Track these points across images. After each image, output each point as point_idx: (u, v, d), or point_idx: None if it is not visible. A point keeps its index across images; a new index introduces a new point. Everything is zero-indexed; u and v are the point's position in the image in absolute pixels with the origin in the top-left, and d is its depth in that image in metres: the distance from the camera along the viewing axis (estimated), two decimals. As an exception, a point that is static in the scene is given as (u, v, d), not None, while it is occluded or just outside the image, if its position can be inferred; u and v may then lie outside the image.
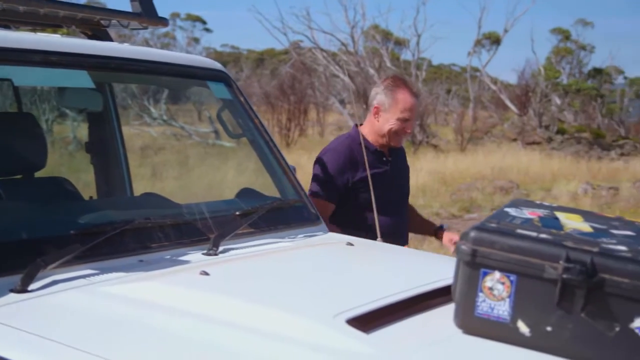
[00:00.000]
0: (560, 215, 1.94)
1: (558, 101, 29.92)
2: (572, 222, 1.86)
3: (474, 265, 1.65)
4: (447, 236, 3.43)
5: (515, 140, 26.61)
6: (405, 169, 3.57)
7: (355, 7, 44.39)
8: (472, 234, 1.66)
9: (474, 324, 1.66)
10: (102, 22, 2.86)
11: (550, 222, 1.83)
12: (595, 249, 1.60)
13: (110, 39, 2.88)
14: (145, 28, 2.97)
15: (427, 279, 2.03)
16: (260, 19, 31.91)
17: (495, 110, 33.54)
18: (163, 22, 2.95)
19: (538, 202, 2.15)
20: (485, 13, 39.58)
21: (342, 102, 29.82)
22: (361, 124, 3.44)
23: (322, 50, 26.82)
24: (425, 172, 16.07)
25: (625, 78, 36.27)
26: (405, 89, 3.31)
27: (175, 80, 2.98)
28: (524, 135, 26.78)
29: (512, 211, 1.91)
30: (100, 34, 2.87)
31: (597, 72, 34.23)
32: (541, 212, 1.94)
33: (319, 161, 3.35)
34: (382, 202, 3.04)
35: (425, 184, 14.50)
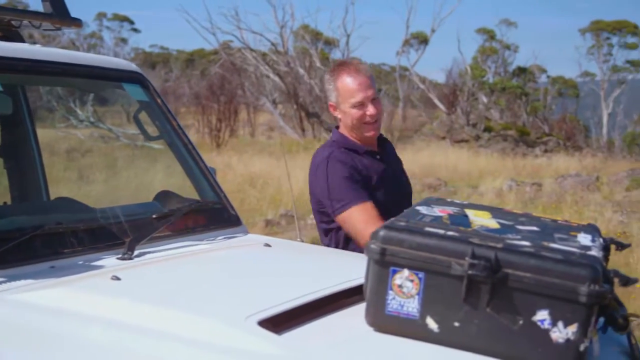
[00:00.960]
0: (470, 212, 1.98)
1: (485, 100, 30.58)
2: (480, 219, 1.90)
3: (383, 264, 1.67)
4: None
5: (444, 138, 27.05)
6: (398, 163, 3.16)
7: (284, 7, 44.40)
8: (381, 232, 1.68)
9: (384, 321, 1.68)
10: (12, 22, 2.78)
11: (459, 220, 1.86)
12: (500, 245, 1.64)
13: (22, 40, 2.80)
14: (58, 29, 2.91)
15: (343, 278, 2.04)
16: (188, 19, 31.57)
17: (424, 109, 34.06)
18: (76, 23, 2.88)
19: (450, 199, 2.19)
20: (412, 13, 40.09)
21: (273, 102, 29.79)
22: (337, 127, 3.04)
23: (251, 50, 26.75)
24: (355, 171, 16.15)
25: (548, 77, 37.26)
26: (344, 72, 2.87)
27: (89, 82, 2.92)
28: (452, 133, 27.25)
29: (423, 209, 1.94)
30: (12, 35, 2.79)
31: (521, 71, 35.12)
32: (451, 210, 1.97)
33: (328, 176, 2.82)
34: (389, 205, 2.73)
35: (355, 183, 14.56)
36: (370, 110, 2.85)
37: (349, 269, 2.18)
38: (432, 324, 1.64)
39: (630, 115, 34.28)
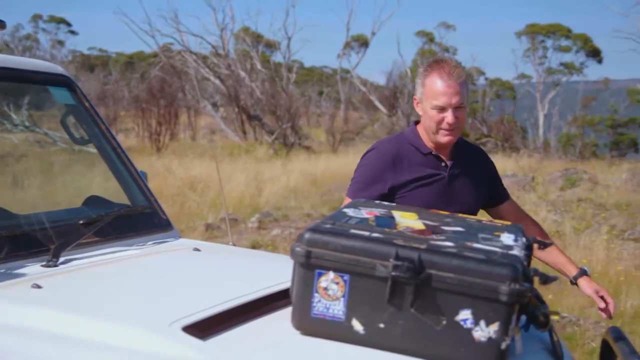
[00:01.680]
0: (397, 214, 1.99)
1: (425, 101, 30.90)
2: (406, 220, 1.91)
3: (308, 267, 1.67)
4: (590, 286, 2.66)
5: (386, 139, 27.23)
6: (479, 181, 2.82)
7: (225, 9, 44.25)
8: (307, 235, 1.68)
9: (310, 324, 1.68)
10: None
11: (385, 221, 1.87)
12: (424, 246, 1.65)
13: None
14: (-21, 31, 2.83)
15: (272, 281, 2.03)
16: (126, 22, 31.01)
17: (365, 111, 34.28)
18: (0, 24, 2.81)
19: (378, 201, 2.20)
20: (353, 16, 40.30)
21: (214, 105, 29.59)
22: (417, 122, 2.85)
23: (192, 53, 26.53)
24: (297, 173, 16.21)
25: (486, 79, 37.98)
26: (435, 71, 2.67)
27: (13, 85, 2.85)
28: (386, 133, 27.47)
29: (350, 212, 1.94)
30: None
31: (460, 73, 35.56)
32: (378, 212, 1.98)
33: (360, 162, 2.82)
34: None
35: (296, 186, 14.61)
36: (449, 118, 2.63)
37: (279, 272, 2.17)
38: (357, 325, 1.65)
39: (565, 116, 35.12)
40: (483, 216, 2.67)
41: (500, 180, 2.96)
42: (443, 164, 2.74)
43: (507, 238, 1.86)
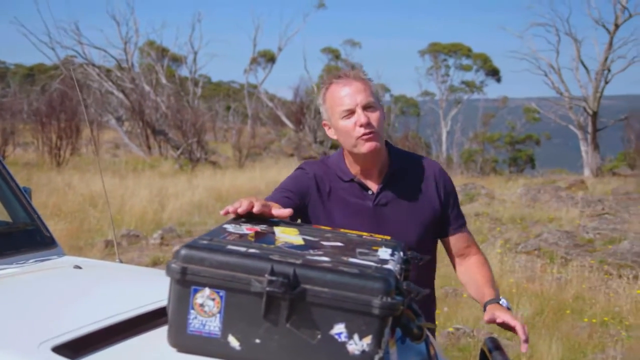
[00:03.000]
0: (278, 229, 2.00)
1: (331, 118, 31.27)
2: (286, 236, 1.93)
3: (184, 283, 1.65)
4: (489, 311, 2.37)
5: (292, 155, 27.41)
6: (418, 210, 2.54)
7: (128, 22, 43.54)
8: (182, 252, 1.66)
9: (186, 341, 1.66)
10: None
11: (264, 238, 1.88)
12: (299, 261, 1.66)
13: None
14: None
15: (155, 299, 2.00)
16: (24, 33, 29.92)
17: (273, 126, 34.39)
18: None
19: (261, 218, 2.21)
20: (259, 32, 40.39)
21: (118, 119, 29.04)
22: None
23: (95, 66, 25.99)
24: (202, 188, 16.07)
25: (391, 95, 38.78)
26: (332, 82, 2.46)
27: None
28: (300, 150, 27.69)
29: (230, 227, 1.94)
30: None
31: (366, 90, 36.20)
32: (259, 228, 1.99)
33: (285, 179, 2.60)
34: None
35: (201, 201, 14.49)
36: (361, 118, 2.35)
37: (163, 289, 2.14)
38: (233, 342, 1.64)
39: (466, 133, 36.23)
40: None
41: (453, 208, 2.65)
42: (369, 192, 2.50)
43: (384, 252, 1.89)
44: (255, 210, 2.02)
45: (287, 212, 2.09)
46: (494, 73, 37.89)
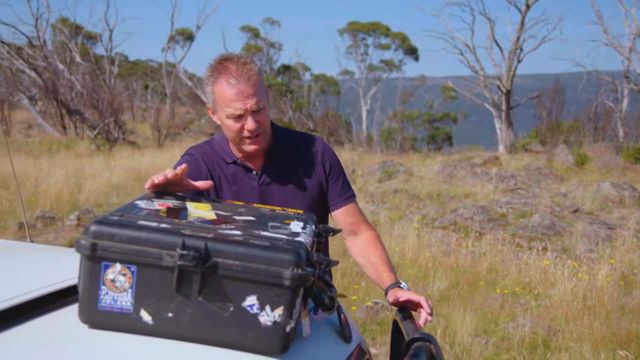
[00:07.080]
0: (190, 205, 2.01)
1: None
2: (199, 211, 1.94)
3: (94, 259, 1.65)
4: (391, 294, 2.45)
5: (212, 135, 27.14)
6: (302, 187, 2.61)
7: (39, -2, 42.15)
8: (92, 227, 1.65)
9: (98, 317, 1.66)
10: None
11: (177, 213, 1.89)
12: (211, 235, 1.68)
13: None
14: None
15: (66, 276, 1.99)
16: None
17: (192, 105, 33.97)
18: None
19: (174, 193, 2.21)
20: (177, 10, 39.78)
21: (31, 98, 28.14)
22: None
23: (4, 43, 25.06)
24: (120, 169, 15.80)
25: (312, 74, 38.84)
26: (222, 75, 2.40)
27: None
28: (219, 130, 27.46)
29: (142, 203, 1.93)
30: None
31: (286, 68, 36.23)
32: (171, 203, 1.99)
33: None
34: None
35: (119, 182, 14.25)
36: (249, 124, 2.41)
37: (73, 268, 2.12)
38: (146, 316, 1.65)
39: (386, 111, 36.66)
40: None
41: (337, 182, 2.69)
42: (253, 172, 2.57)
43: (295, 226, 1.93)
44: (179, 174, 2.04)
45: (208, 183, 2.12)
46: (412, 52, 38.39)
